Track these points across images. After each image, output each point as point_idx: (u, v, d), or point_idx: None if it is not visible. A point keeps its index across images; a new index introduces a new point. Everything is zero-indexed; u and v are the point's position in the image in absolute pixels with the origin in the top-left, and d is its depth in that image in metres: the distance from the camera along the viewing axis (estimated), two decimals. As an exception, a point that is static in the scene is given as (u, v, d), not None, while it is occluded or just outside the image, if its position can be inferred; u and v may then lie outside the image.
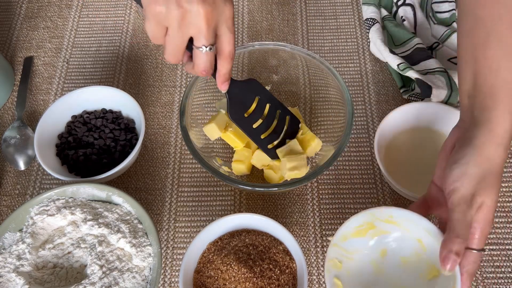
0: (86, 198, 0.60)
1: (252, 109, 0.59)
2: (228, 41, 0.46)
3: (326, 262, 0.52)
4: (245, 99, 0.58)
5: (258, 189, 0.57)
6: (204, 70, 0.48)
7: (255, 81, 0.59)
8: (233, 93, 0.55)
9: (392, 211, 0.53)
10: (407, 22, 0.76)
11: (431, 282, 0.54)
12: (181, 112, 0.60)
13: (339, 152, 0.56)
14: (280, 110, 0.62)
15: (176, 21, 0.43)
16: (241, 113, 0.58)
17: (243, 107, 0.58)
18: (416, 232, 0.54)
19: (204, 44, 0.45)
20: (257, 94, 0.59)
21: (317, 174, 0.56)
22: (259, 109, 0.60)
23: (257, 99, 0.59)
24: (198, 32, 0.44)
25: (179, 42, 0.45)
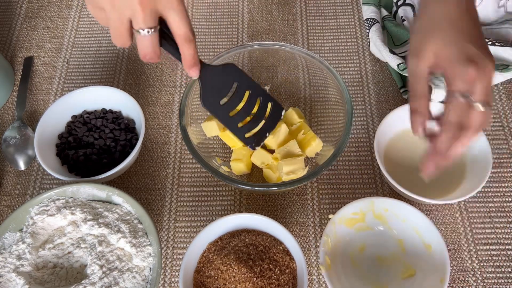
0: (86, 198, 0.60)
1: (230, 97, 0.55)
2: (177, 22, 0.44)
3: (322, 236, 0.56)
4: (221, 85, 0.54)
5: (257, 188, 0.57)
6: (146, 55, 0.45)
7: (233, 66, 0.55)
8: (206, 79, 0.52)
9: (391, 202, 0.58)
10: (407, 22, 0.76)
11: (406, 281, 0.58)
12: (181, 111, 0.60)
13: (339, 152, 0.57)
14: (262, 97, 0.57)
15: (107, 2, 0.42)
16: (216, 100, 0.54)
17: (218, 94, 0.54)
18: (402, 231, 0.60)
19: (141, 27, 0.43)
20: (235, 80, 0.55)
21: (316, 174, 0.56)
22: (237, 96, 0.55)
23: (235, 85, 0.55)
24: (133, 14, 0.42)
25: (118, 24, 0.43)
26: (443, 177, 0.64)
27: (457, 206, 0.65)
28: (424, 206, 0.65)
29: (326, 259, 0.55)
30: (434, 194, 0.62)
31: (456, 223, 0.64)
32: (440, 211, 0.65)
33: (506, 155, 0.68)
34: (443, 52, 0.46)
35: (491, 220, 0.64)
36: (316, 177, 0.67)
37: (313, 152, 0.64)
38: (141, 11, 0.42)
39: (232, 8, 0.84)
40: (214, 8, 0.84)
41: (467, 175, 0.63)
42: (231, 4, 0.84)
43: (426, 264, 0.57)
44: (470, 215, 0.64)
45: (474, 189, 0.59)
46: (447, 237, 0.63)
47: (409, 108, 0.49)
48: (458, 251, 0.62)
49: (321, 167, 0.56)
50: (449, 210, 0.65)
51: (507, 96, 0.73)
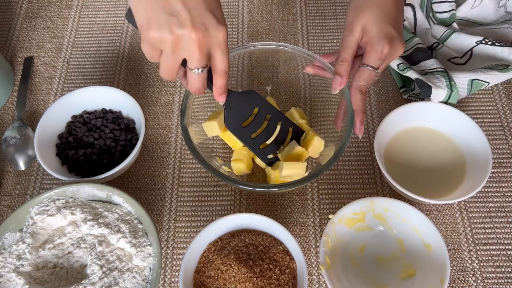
0: (86, 198, 0.60)
1: (251, 120, 0.60)
2: (221, 61, 0.48)
3: (322, 236, 0.56)
4: (243, 109, 0.59)
5: (258, 189, 0.57)
6: (196, 90, 0.50)
7: (254, 92, 0.60)
8: (230, 104, 0.57)
9: (391, 202, 0.58)
10: (407, 22, 0.76)
11: (406, 281, 0.58)
12: (182, 111, 0.60)
13: (340, 152, 0.56)
14: (282, 121, 0.62)
15: (169, 46, 0.45)
16: (238, 123, 0.59)
17: (240, 117, 0.59)
18: (402, 231, 0.60)
19: (196, 67, 0.47)
20: (256, 105, 0.60)
21: (317, 175, 0.56)
22: (258, 120, 0.61)
23: (256, 109, 0.60)
24: (191, 56, 0.46)
25: (173, 63, 0.47)
26: (443, 177, 0.64)
27: (457, 206, 0.65)
28: (424, 206, 0.65)
29: (326, 259, 0.56)
30: (434, 194, 0.62)
31: (456, 223, 0.64)
32: (440, 211, 0.65)
33: (506, 155, 0.68)
34: (369, 29, 0.54)
35: (491, 220, 0.64)
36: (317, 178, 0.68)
37: (317, 151, 0.64)
38: (199, 54, 0.46)
39: (232, 8, 0.84)
40: (214, 8, 0.84)
41: (467, 175, 0.63)
42: (231, 4, 0.84)
43: (426, 264, 0.57)
44: (470, 215, 0.64)
45: (474, 189, 0.59)
46: (447, 237, 0.63)
47: (334, 70, 0.57)
48: (458, 251, 0.62)
49: (322, 168, 0.56)
50: (449, 210, 0.65)
51: (507, 96, 0.73)
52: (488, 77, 0.67)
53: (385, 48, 0.54)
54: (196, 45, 0.45)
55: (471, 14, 0.77)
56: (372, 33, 0.54)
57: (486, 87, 0.71)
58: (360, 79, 0.56)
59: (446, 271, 0.53)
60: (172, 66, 0.47)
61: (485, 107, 0.72)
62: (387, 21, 0.54)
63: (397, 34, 0.55)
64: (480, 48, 0.71)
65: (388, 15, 0.55)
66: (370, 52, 0.54)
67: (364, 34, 0.55)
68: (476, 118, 0.71)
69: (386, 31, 0.54)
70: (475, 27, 0.77)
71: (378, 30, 0.54)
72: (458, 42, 0.73)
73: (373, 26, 0.54)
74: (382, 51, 0.54)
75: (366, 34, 0.55)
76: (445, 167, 0.65)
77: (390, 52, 0.54)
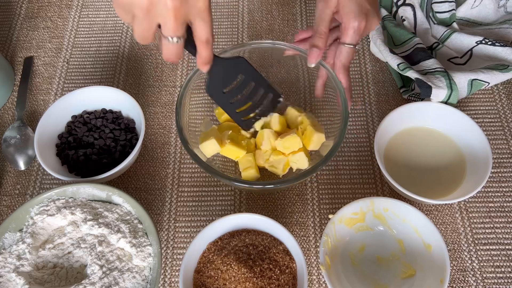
0: (86, 198, 0.60)
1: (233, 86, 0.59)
2: (202, 29, 0.46)
3: (322, 236, 0.56)
4: (227, 76, 0.58)
5: (255, 186, 0.56)
6: (170, 59, 0.47)
7: (242, 60, 0.58)
8: (214, 71, 0.55)
9: (391, 202, 0.58)
10: (407, 22, 0.76)
11: (406, 281, 0.58)
12: (177, 109, 0.59)
13: (337, 147, 0.56)
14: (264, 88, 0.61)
15: (141, 11, 0.42)
16: (219, 89, 0.58)
17: (222, 83, 0.58)
18: (402, 231, 0.60)
19: (170, 35, 0.44)
20: (241, 72, 0.58)
21: (316, 170, 0.55)
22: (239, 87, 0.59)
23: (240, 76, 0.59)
24: (165, 24, 0.43)
25: (146, 28, 0.44)
26: (443, 177, 0.64)
27: (457, 206, 0.65)
28: (424, 206, 0.65)
29: (326, 259, 0.56)
30: (434, 194, 0.63)
31: (456, 223, 0.64)
32: (440, 211, 0.65)
33: (506, 155, 0.68)
34: (345, 4, 0.55)
35: (491, 220, 0.64)
36: (317, 178, 0.68)
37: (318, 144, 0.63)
38: (174, 22, 0.43)
39: (232, 8, 0.84)
40: (214, 8, 0.84)
41: (467, 175, 0.63)
42: (231, 4, 0.84)
43: (426, 264, 0.57)
44: (470, 215, 0.64)
45: (474, 189, 0.59)
46: (447, 237, 0.63)
47: (311, 43, 0.58)
48: (458, 251, 0.62)
49: (321, 162, 0.56)
50: (449, 210, 0.65)
51: (507, 96, 0.73)
52: (488, 77, 0.67)
53: (361, 24, 0.55)
54: (172, 13, 0.42)
55: (471, 14, 0.77)
56: (348, 8, 0.55)
57: (486, 87, 0.71)
58: (342, 57, 0.58)
59: (446, 271, 0.53)
60: (145, 30, 0.44)
61: (485, 107, 0.72)
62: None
63: (371, 9, 0.56)
64: (480, 48, 0.71)
65: None
66: (347, 30, 0.56)
67: (340, 8, 0.56)
68: (476, 118, 0.71)
69: (361, 6, 0.55)
70: (475, 27, 0.77)
71: (354, 6, 0.55)
72: (458, 42, 0.73)
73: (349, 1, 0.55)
74: (359, 27, 0.55)
75: (342, 9, 0.55)
76: (445, 167, 0.65)
77: (367, 27, 0.56)
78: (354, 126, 0.71)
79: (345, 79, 0.59)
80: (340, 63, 0.58)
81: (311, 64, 0.59)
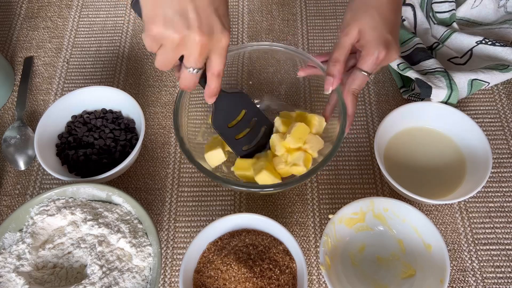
0: (86, 198, 0.60)
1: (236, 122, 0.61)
2: (218, 64, 0.49)
3: (322, 236, 0.56)
4: (231, 110, 0.60)
5: (254, 189, 0.56)
6: (186, 87, 0.50)
7: (244, 95, 0.61)
8: (219, 104, 0.57)
9: (391, 202, 0.58)
10: (407, 22, 0.76)
11: (406, 281, 0.58)
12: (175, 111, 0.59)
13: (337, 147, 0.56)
14: (266, 126, 0.63)
15: (171, 43, 0.45)
16: (225, 123, 0.60)
17: (227, 118, 0.60)
18: (402, 231, 0.60)
19: (192, 67, 0.47)
20: (244, 108, 0.61)
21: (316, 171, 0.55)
22: (244, 122, 0.61)
23: (243, 112, 0.61)
24: (189, 56, 0.46)
25: (171, 58, 0.47)
26: (443, 177, 0.64)
27: (457, 206, 0.65)
28: (424, 206, 0.65)
29: (326, 259, 0.56)
30: (434, 194, 0.63)
31: (456, 223, 0.64)
32: (440, 211, 0.65)
33: (506, 155, 0.68)
34: (366, 34, 0.55)
35: (491, 220, 0.64)
36: (317, 178, 0.68)
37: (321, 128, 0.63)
38: (198, 55, 0.46)
39: (232, 8, 0.84)
40: (214, 8, 0.84)
41: (467, 175, 0.63)
42: (231, 4, 0.84)
43: (426, 264, 0.57)
44: (470, 215, 0.64)
45: (474, 189, 0.59)
46: (447, 237, 0.63)
47: (326, 71, 0.58)
48: (458, 251, 0.62)
49: (319, 165, 0.56)
50: (449, 210, 0.65)
51: (507, 96, 0.73)
52: (488, 77, 0.67)
53: (381, 54, 0.54)
54: (198, 48, 0.45)
55: (471, 14, 0.77)
56: (370, 37, 0.54)
57: (486, 87, 0.71)
58: (353, 83, 0.57)
59: (446, 271, 0.53)
60: (169, 60, 0.47)
61: (485, 107, 0.72)
62: (384, 27, 0.55)
63: (393, 40, 0.55)
64: (480, 48, 0.71)
65: (386, 21, 0.55)
66: (366, 57, 0.55)
67: (361, 37, 0.55)
68: (476, 118, 0.70)
69: (383, 37, 0.54)
70: (475, 27, 0.77)
71: (376, 36, 0.54)
72: (458, 42, 0.73)
73: (371, 31, 0.54)
74: (378, 57, 0.55)
75: (363, 38, 0.55)
76: (445, 167, 0.65)
77: (386, 58, 0.55)
78: (354, 126, 0.71)
79: (351, 106, 0.58)
80: (349, 88, 0.57)
81: (327, 92, 0.58)
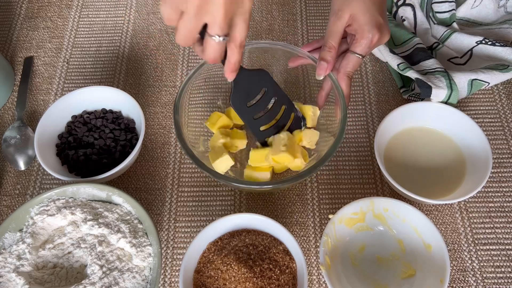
0: (86, 198, 0.60)
1: (256, 101, 0.59)
2: (241, 31, 0.46)
3: (322, 236, 0.56)
4: (250, 89, 0.58)
5: (253, 186, 0.56)
6: (214, 59, 0.47)
7: (265, 72, 0.59)
8: (239, 81, 0.55)
9: (391, 202, 0.58)
10: (407, 22, 0.76)
11: (406, 281, 0.58)
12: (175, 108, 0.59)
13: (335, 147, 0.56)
14: (286, 106, 0.62)
15: (194, 7, 0.42)
16: (243, 102, 0.58)
17: (246, 96, 0.58)
18: (402, 231, 0.60)
19: (218, 34, 0.44)
20: (264, 86, 0.59)
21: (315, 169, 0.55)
22: (263, 102, 0.60)
23: (263, 90, 0.59)
24: (214, 21, 0.43)
25: (193, 27, 0.44)
26: (443, 177, 0.64)
27: (457, 206, 0.65)
28: (424, 206, 0.65)
29: (326, 259, 0.56)
30: (434, 194, 0.63)
31: (456, 223, 0.64)
32: (440, 211, 0.65)
33: (506, 155, 0.68)
34: (359, 18, 0.56)
35: (491, 220, 0.64)
36: (317, 178, 0.68)
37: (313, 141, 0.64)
38: (223, 19, 0.43)
39: (232, 8, 0.84)
40: (214, 8, 0.84)
41: (467, 175, 0.63)
42: (231, 4, 0.84)
43: (426, 264, 0.57)
44: (470, 215, 0.64)
45: (474, 189, 0.59)
46: (447, 237, 0.63)
47: (320, 56, 0.58)
48: (458, 251, 0.62)
49: (319, 162, 0.56)
50: (449, 210, 0.65)
51: (507, 96, 0.73)
52: (488, 77, 0.67)
53: (375, 37, 0.56)
54: (222, 9, 0.42)
55: (471, 14, 0.77)
56: (362, 21, 0.55)
57: (486, 87, 0.71)
58: (348, 65, 0.58)
59: (446, 271, 0.53)
60: (191, 30, 0.44)
61: (485, 107, 0.72)
62: (375, 10, 0.56)
63: (384, 22, 0.57)
64: (480, 48, 0.71)
65: (376, 4, 0.56)
66: (360, 40, 0.56)
67: (354, 21, 0.56)
68: (476, 118, 0.71)
69: (375, 20, 0.56)
70: (475, 27, 0.77)
71: (368, 19, 0.55)
72: (458, 42, 0.73)
73: (363, 15, 0.55)
74: (372, 40, 0.56)
75: (355, 22, 0.56)
76: (445, 167, 0.65)
77: (379, 40, 0.57)
78: (354, 126, 0.71)
79: (346, 87, 0.59)
80: (344, 71, 0.58)
81: (319, 77, 0.59)
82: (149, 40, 0.81)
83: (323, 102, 0.63)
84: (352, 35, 0.58)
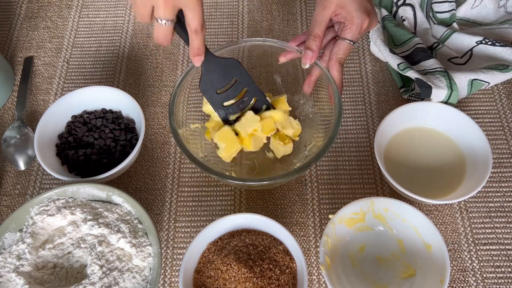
0: (86, 198, 0.60)
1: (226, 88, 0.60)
2: (191, 18, 0.49)
3: (322, 236, 0.56)
4: (220, 76, 0.59)
5: (251, 183, 0.56)
6: (158, 40, 0.51)
7: (236, 62, 0.60)
8: (208, 67, 0.57)
9: (391, 202, 0.58)
10: (407, 22, 0.76)
11: (406, 281, 0.58)
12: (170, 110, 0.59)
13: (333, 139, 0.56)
14: (258, 97, 0.62)
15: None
16: (213, 88, 0.59)
17: (216, 82, 0.59)
18: (402, 231, 0.60)
19: (160, 17, 0.48)
20: (235, 75, 0.60)
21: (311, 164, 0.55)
22: (233, 91, 0.61)
23: (234, 79, 0.60)
24: (157, 6, 0.48)
25: (141, 7, 0.48)
26: (443, 177, 0.64)
27: (457, 206, 0.65)
28: (424, 206, 0.65)
29: (326, 259, 0.56)
30: (434, 194, 0.63)
31: (456, 223, 0.64)
32: (440, 211, 0.65)
33: (506, 155, 0.68)
34: (347, 5, 0.56)
35: (491, 220, 0.64)
36: (317, 178, 0.68)
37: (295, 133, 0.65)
38: (163, 5, 0.47)
39: (232, 8, 0.84)
40: (214, 8, 0.84)
41: (467, 175, 0.63)
42: (231, 4, 0.84)
43: (426, 264, 0.57)
44: (470, 215, 0.64)
45: (474, 189, 0.59)
46: (447, 237, 0.63)
47: (305, 45, 0.59)
48: (458, 251, 0.62)
49: (317, 155, 0.55)
50: (449, 210, 0.65)
51: (507, 96, 0.73)
52: (488, 77, 0.67)
53: (364, 23, 0.57)
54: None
55: (471, 14, 0.77)
56: (351, 8, 0.56)
57: (486, 87, 0.71)
58: (339, 52, 0.59)
59: (446, 271, 0.53)
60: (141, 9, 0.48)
61: (485, 107, 0.72)
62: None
63: (372, 8, 0.58)
64: (480, 48, 0.71)
65: None
66: (351, 27, 0.57)
67: (342, 9, 0.57)
68: (476, 118, 0.71)
69: (364, 6, 0.57)
70: (475, 27, 0.77)
71: (356, 6, 0.56)
72: (458, 42, 0.73)
73: (351, 2, 0.56)
74: (362, 26, 0.57)
75: (343, 10, 0.57)
76: (445, 167, 0.65)
77: (368, 26, 0.58)
78: (354, 126, 0.71)
79: (338, 74, 0.60)
80: (336, 58, 0.59)
81: (305, 66, 0.60)
82: (149, 40, 0.81)
83: (308, 88, 0.64)
84: (341, 23, 0.59)
